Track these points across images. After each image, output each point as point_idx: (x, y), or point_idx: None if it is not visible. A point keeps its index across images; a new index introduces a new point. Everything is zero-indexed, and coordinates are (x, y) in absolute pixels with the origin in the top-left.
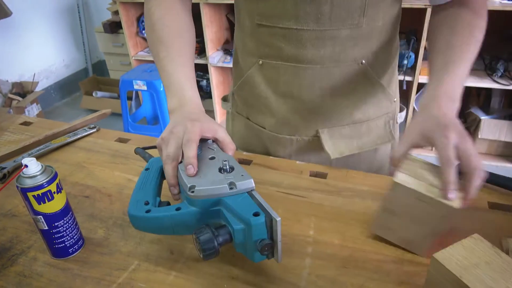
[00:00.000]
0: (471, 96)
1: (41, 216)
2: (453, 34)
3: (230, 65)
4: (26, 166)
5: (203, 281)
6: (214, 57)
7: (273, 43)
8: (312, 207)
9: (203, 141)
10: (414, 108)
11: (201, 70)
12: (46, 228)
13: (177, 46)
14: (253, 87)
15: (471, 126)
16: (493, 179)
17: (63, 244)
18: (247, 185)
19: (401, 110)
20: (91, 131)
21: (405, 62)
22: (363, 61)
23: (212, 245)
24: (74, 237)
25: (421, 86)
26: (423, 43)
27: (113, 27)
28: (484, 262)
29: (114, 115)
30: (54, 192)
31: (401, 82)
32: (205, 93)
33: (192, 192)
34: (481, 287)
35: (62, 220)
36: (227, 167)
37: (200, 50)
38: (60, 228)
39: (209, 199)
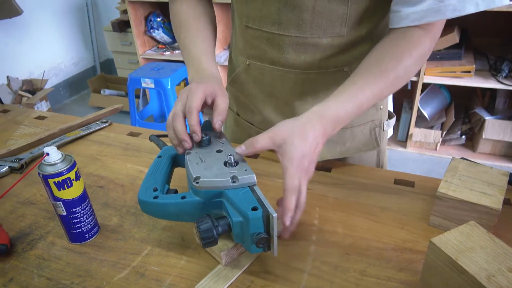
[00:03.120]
0: (475, 97)
1: (60, 202)
2: (371, 60)
3: None
4: (47, 154)
5: (214, 266)
6: (221, 56)
7: (258, 45)
8: (316, 198)
9: (212, 132)
10: (418, 108)
11: None
12: (65, 213)
13: (195, 26)
14: (242, 85)
15: (475, 126)
16: None
17: (80, 230)
18: (249, 179)
19: (390, 117)
20: (104, 125)
21: None
22: (346, 68)
23: (211, 235)
24: (91, 223)
25: (426, 86)
26: None
27: (122, 26)
28: (479, 247)
29: (121, 113)
30: (73, 179)
31: None
32: None
33: (197, 182)
34: (475, 268)
35: (80, 206)
36: (232, 161)
37: None
38: (77, 214)
39: (212, 191)
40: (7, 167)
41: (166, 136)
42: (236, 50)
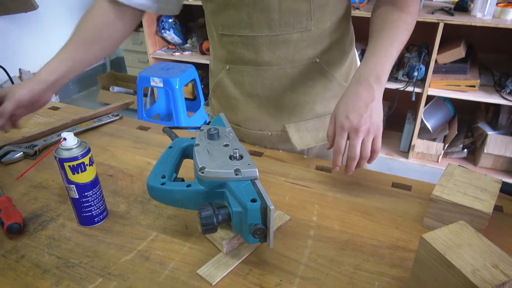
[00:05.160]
0: (479, 111)
1: (73, 185)
2: (384, 24)
3: None
4: (64, 139)
5: (215, 253)
6: None
7: (235, 50)
8: (316, 196)
9: (221, 127)
10: (422, 120)
11: None
12: (77, 197)
13: (73, 41)
14: (224, 90)
15: (477, 140)
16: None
17: (90, 213)
18: (251, 173)
19: None
20: (114, 118)
21: (415, 74)
22: (317, 59)
23: (211, 221)
24: (100, 208)
25: (430, 98)
26: (434, 56)
27: None
28: (466, 244)
29: (129, 110)
30: (87, 165)
31: (410, 93)
32: None
33: (202, 172)
34: (461, 263)
35: (91, 191)
36: (237, 155)
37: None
38: (89, 198)
39: (215, 181)
40: (22, 152)
41: (178, 128)
42: (216, 59)
